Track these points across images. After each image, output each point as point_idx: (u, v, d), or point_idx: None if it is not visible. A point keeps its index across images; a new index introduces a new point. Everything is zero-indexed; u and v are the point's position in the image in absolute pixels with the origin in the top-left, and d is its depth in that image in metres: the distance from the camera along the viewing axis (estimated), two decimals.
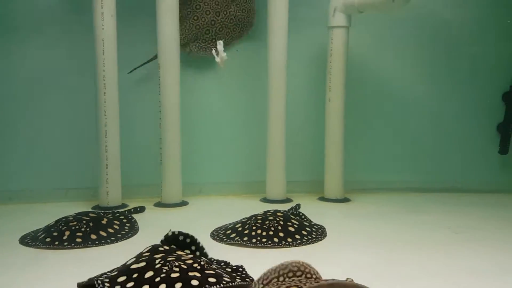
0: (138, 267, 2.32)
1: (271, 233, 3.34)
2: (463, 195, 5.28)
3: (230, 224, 3.68)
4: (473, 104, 5.51)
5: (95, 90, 4.40)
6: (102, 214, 3.74)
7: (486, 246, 3.40)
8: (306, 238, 3.39)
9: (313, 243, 3.38)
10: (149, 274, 2.25)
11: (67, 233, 3.27)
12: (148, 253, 2.44)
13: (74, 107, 4.82)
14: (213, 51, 4.21)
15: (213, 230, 3.64)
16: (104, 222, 3.53)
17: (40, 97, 4.77)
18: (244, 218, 3.62)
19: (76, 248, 3.20)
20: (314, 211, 4.32)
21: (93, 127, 4.49)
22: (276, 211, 3.63)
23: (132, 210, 4.21)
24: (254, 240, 3.28)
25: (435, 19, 5.37)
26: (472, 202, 4.95)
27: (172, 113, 4.60)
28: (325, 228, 3.67)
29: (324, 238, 3.51)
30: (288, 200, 4.90)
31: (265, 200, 4.93)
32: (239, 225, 3.52)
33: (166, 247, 2.49)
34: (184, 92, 4.72)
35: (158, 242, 2.56)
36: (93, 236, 3.32)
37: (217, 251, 3.03)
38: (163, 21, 4.51)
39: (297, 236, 3.37)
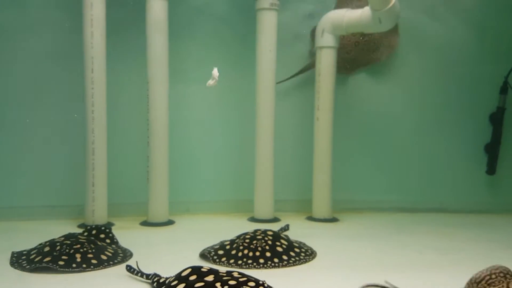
0: None
1: (257, 253, 3.32)
2: (451, 216, 5.27)
3: (217, 244, 3.63)
4: (460, 125, 5.53)
5: (83, 107, 4.38)
6: (91, 238, 3.58)
7: (473, 268, 3.38)
8: (293, 259, 3.36)
9: (300, 264, 3.35)
10: None
11: (77, 255, 3.15)
12: (194, 276, 2.36)
13: (61, 124, 4.78)
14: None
15: (204, 249, 3.57)
16: (99, 243, 3.45)
17: (27, 113, 4.72)
18: (234, 237, 3.59)
19: (94, 270, 3.12)
20: (302, 231, 4.32)
21: (80, 144, 4.46)
22: (266, 230, 3.60)
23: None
24: (239, 262, 3.28)
25: (422, 41, 5.42)
26: (459, 223, 4.95)
27: (160, 130, 4.58)
28: (313, 250, 3.64)
29: (312, 259, 3.48)
30: (276, 220, 4.87)
31: (253, 219, 4.90)
32: (228, 243, 3.52)
33: (207, 267, 2.45)
34: (173, 109, 4.70)
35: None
36: (103, 257, 3.25)
37: None
38: (153, 37, 4.51)
39: (284, 257, 3.34)
